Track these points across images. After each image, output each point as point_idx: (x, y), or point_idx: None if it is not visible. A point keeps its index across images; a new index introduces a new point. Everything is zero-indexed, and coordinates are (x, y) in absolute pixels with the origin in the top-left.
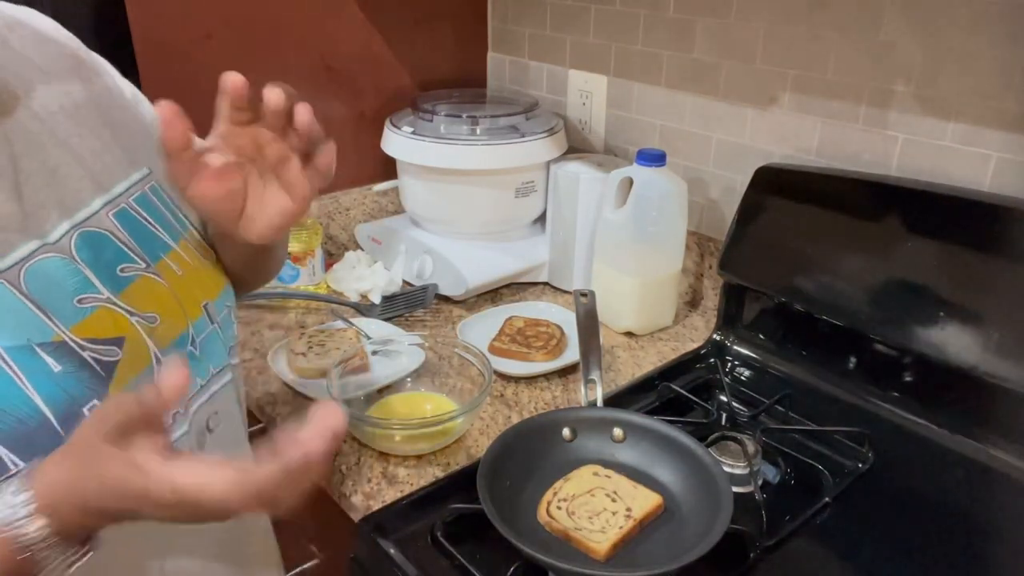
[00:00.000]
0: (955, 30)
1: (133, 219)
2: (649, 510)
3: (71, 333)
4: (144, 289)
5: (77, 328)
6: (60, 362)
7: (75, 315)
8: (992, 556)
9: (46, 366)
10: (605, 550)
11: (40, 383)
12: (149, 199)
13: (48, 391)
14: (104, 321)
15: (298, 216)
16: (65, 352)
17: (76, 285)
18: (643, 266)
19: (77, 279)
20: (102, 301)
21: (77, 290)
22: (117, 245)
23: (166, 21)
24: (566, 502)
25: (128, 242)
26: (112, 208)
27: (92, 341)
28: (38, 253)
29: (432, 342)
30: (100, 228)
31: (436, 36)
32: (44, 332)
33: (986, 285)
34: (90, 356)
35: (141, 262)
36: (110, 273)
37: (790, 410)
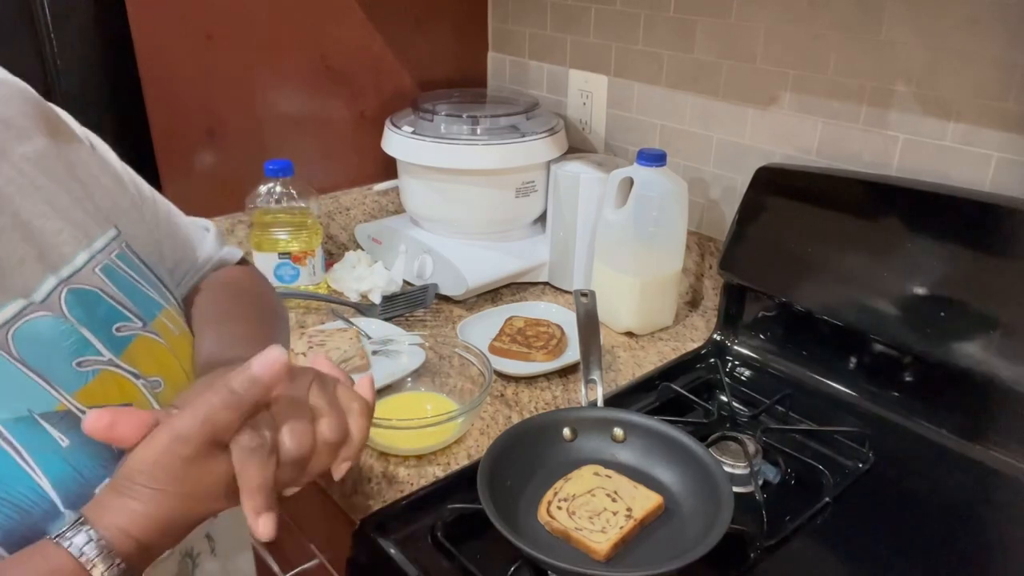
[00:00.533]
0: (955, 30)
1: (120, 276)
2: (649, 510)
3: (75, 400)
4: (144, 350)
5: (81, 394)
6: (67, 435)
7: (76, 380)
8: (992, 556)
9: (52, 440)
10: (605, 550)
11: (47, 461)
12: (128, 257)
13: (56, 471)
14: (108, 386)
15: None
16: (71, 423)
17: (73, 346)
18: (643, 266)
19: (73, 339)
20: (103, 364)
21: (75, 352)
22: (109, 303)
23: (166, 21)
24: (566, 502)
25: (120, 299)
26: (97, 264)
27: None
28: (26, 313)
29: (432, 342)
30: (89, 285)
31: (436, 36)
32: (46, 400)
33: (986, 285)
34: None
35: (137, 320)
36: (106, 332)
37: (790, 410)
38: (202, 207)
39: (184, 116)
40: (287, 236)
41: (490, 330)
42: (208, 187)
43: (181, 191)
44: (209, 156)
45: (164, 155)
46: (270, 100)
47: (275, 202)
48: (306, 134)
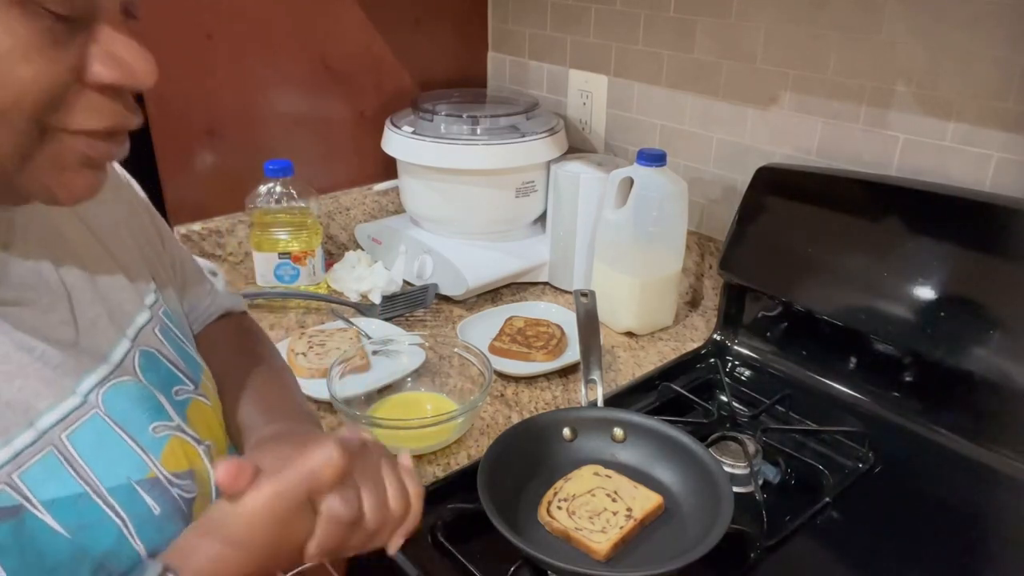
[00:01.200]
0: (955, 30)
1: (171, 335)
2: (649, 510)
3: (162, 467)
4: (198, 413)
5: (163, 461)
6: (158, 502)
7: (156, 445)
8: (992, 556)
9: (147, 509)
10: (605, 550)
11: (144, 531)
12: (170, 314)
13: (151, 539)
14: (178, 453)
15: None
16: (159, 490)
17: (150, 411)
18: (643, 266)
19: (150, 404)
20: (172, 429)
21: (152, 416)
22: (167, 365)
23: (166, 21)
24: (566, 502)
25: (175, 360)
26: (155, 324)
27: (176, 475)
28: (112, 377)
29: (432, 342)
30: (150, 347)
31: (436, 36)
32: (140, 468)
33: (986, 285)
34: (177, 494)
35: (189, 383)
36: (169, 396)
37: (790, 410)
38: (202, 207)
39: (184, 116)
40: (287, 236)
41: (490, 330)
42: (208, 187)
43: (181, 191)
44: (209, 156)
45: (164, 155)
46: (270, 100)
47: (275, 202)
48: (306, 134)
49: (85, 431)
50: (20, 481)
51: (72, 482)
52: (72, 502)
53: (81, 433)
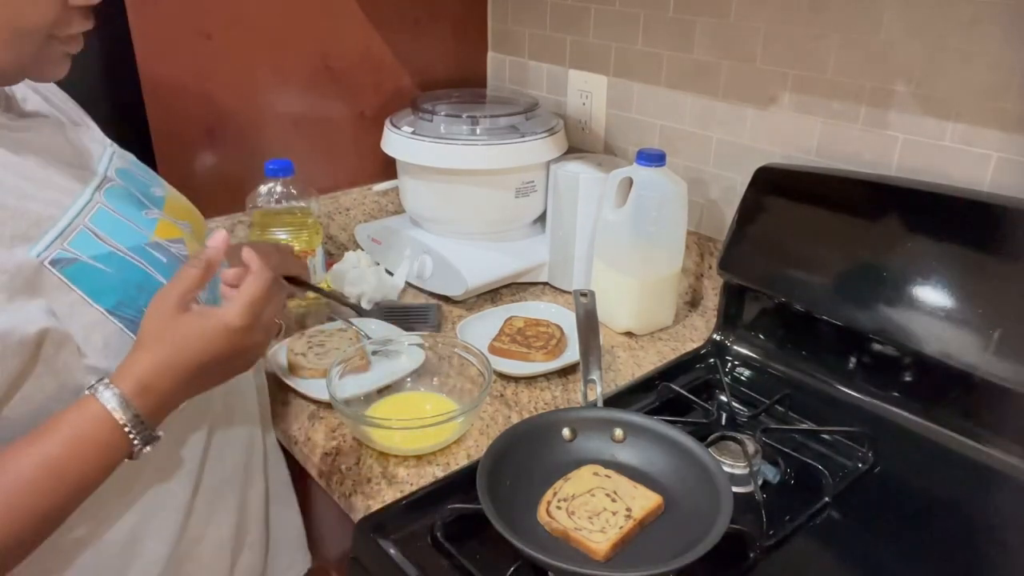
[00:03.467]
0: (955, 30)
1: (132, 161)
2: (649, 510)
3: (157, 236)
4: (172, 204)
5: (156, 233)
6: (163, 256)
7: (149, 224)
8: (992, 556)
9: (158, 259)
10: (605, 550)
11: (161, 269)
12: (126, 155)
13: (167, 275)
14: (166, 228)
15: None
16: (162, 249)
17: (138, 203)
18: (643, 266)
19: (136, 199)
20: (157, 215)
21: (139, 207)
22: (139, 177)
23: (166, 21)
24: (566, 502)
25: (142, 174)
26: (118, 154)
27: (170, 241)
28: (105, 183)
29: (432, 342)
30: (122, 166)
31: (436, 36)
32: (143, 236)
33: (986, 285)
34: (176, 251)
35: (159, 188)
36: (147, 194)
37: (790, 410)
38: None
39: (184, 116)
40: (287, 236)
41: (490, 330)
42: (208, 187)
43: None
44: (209, 156)
45: (164, 155)
46: (270, 100)
47: (275, 202)
48: (306, 134)
49: (99, 217)
50: (70, 247)
51: (103, 246)
52: (108, 256)
53: (97, 218)
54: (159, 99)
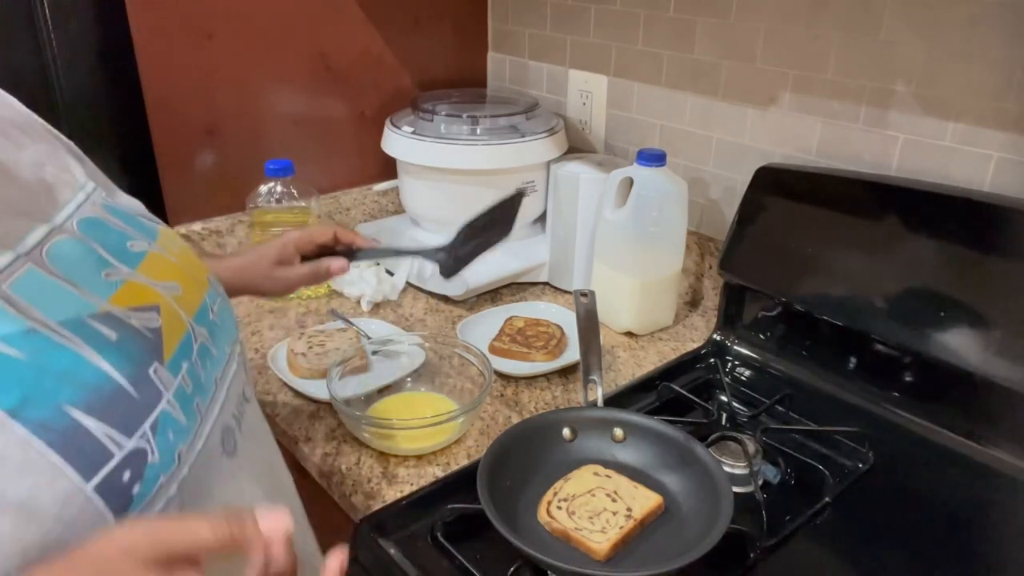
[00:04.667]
0: (955, 30)
1: (116, 209)
2: (649, 510)
3: (111, 304)
4: (156, 262)
5: (114, 299)
6: (114, 331)
7: (107, 288)
8: (992, 556)
9: (103, 336)
10: (605, 550)
11: (103, 351)
12: (112, 203)
13: (113, 359)
14: (134, 291)
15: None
16: (114, 322)
17: (96, 262)
18: (643, 266)
19: (95, 257)
20: (124, 275)
21: (99, 266)
22: (115, 228)
23: (166, 21)
24: (566, 502)
25: (123, 226)
26: (96, 201)
27: (132, 310)
28: (52, 235)
29: (432, 342)
30: (95, 214)
31: (436, 36)
32: (88, 306)
33: (986, 285)
34: (137, 323)
35: (143, 240)
36: (120, 250)
37: (790, 410)
38: (203, 207)
39: (184, 116)
40: None
41: (490, 330)
42: (208, 187)
43: (182, 191)
44: (209, 156)
45: (164, 155)
46: (270, 100)
47: (276, 202)
48: (306, 134)
49: (24, 282)
50: None
51: (19, 319)
52: (22, 335)
53: (21, 283)
54: (159, 99)
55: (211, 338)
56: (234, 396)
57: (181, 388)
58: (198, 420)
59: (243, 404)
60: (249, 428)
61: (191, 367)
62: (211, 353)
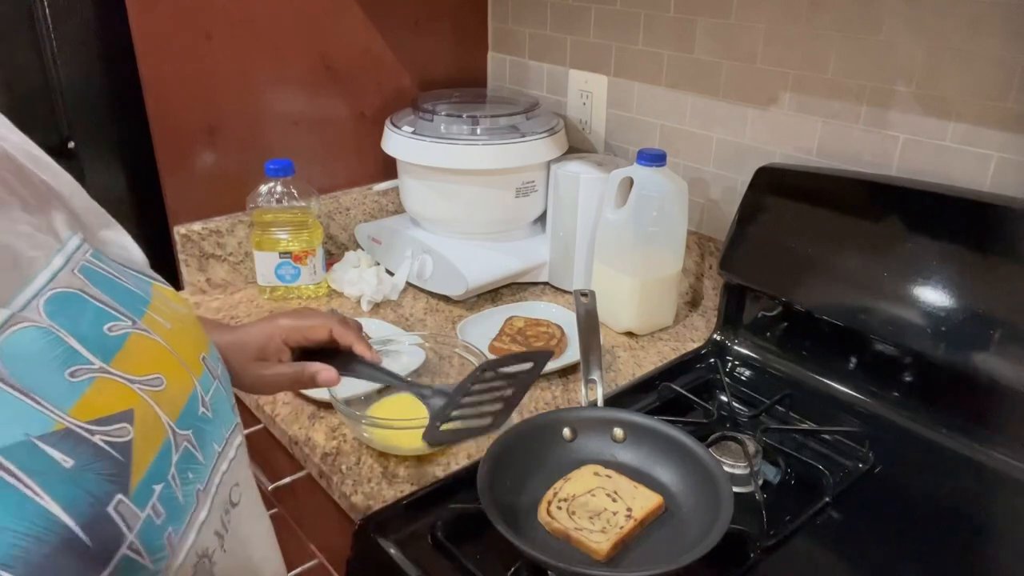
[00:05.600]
0: (955, 30)
1: (99, 274)
2: (650, 510)
3: (72, 417)
4: (138, 348)
5: (77, 409)
6: (71, 455)
7: (70, 393)
8: (992, 556)
9: (55, 464)
10: (605, 550)
11: (53, 487)
12: (100, 257)
13: (65, 495)
14: (105, 394)
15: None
16: (73, 441)
17: (61, 356)
18: (643, 266)
19: (60, 350)
20: (95, 371)
21: (64, 362)
22: (93, 304)
23: (166, 21)
24: (566, 502)
25: (104, 299)
26: (75, 265)
27: (98, 422)
28: (10, 324)
29: (432, 342)
30: (71, 287)
31: (436, 36)
32: (42, 422)
33: (986, 285)
34: (101, 440)
35: (126, 319)
36: (96, 336)
37: (790, 410)
38: (203, 206)
39: (184, 116)
40: (287, 236)
41: (490, 330)
42: (209, 187)
43: (182, 191)
44: (209, 156)
45: (164, 155)
46: (270, 100)
47: (276, 202)
48: (306, 134)
49: None
50: None
51: None
52: None
53: None
54: (160, 99)
55: (198, 440)
56: (219, 506)
57: (149, 522)
58: (166, 556)
59: (227, 513)
60: (235, 542)
61: (165, 489)
62: (195, 460)
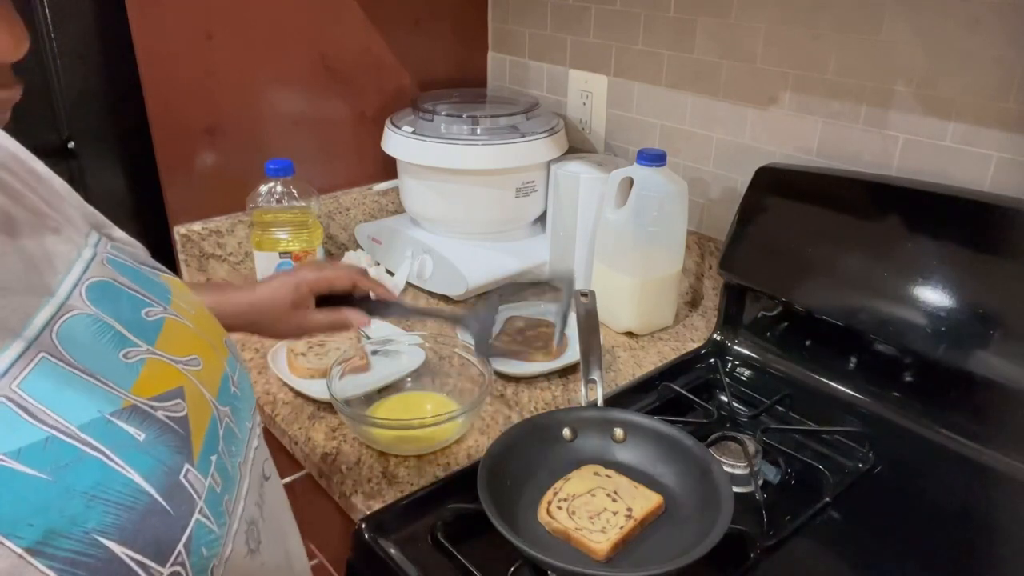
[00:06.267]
0: (955, 30)
1: (123, 265)
2: (650, 510)
3: (135, 395)
4: (174, 332)
5: (137, 387)
6: (142, 428)
7: (128, 374)
8: (992, 556)
9: (130, 437)
10: (605, 550)
11: (131, 457)
12: (120, 247)
13: (143, 464)
14: (157, 374)
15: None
16: (140, 417)
17: (113, 340)
18: (643, 266)
19: (111, 334)
20: (144, 353)
21: (117, 345)
22: (127, 291)
23: (166, 21)
24: (566, 502)
25: (133, 287)
26: (102, 256)
27: (158, 399)
28: (62, 313)
29: (432, 342)
30: (104, 276)
31: (436, 36)
32: (111, 400)
33: (986, 285)
34: (163, 415)
35: (158, 305)
36: (136, 320)
37: (790, 410)
38: (203, 207)
39: (184, 116)
40: (287, 236)
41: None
42: (209, 187)
43: (182, 191)
44: (209, 156)
45: (164, 155)
46: (270, 100)
47: (276, 202)
48: (306, 134)
49: (37, 376)
50: None
51: (34, 429)
52: (42, 448)
53: (33, 378)
54: (160, 99)
55: (234, 417)
56: (256, 479)
57: (211, 490)
58: (227, 522)
59: (263, 486)
60: (271, 512)
61: (219, 460)
62: (235, 436)
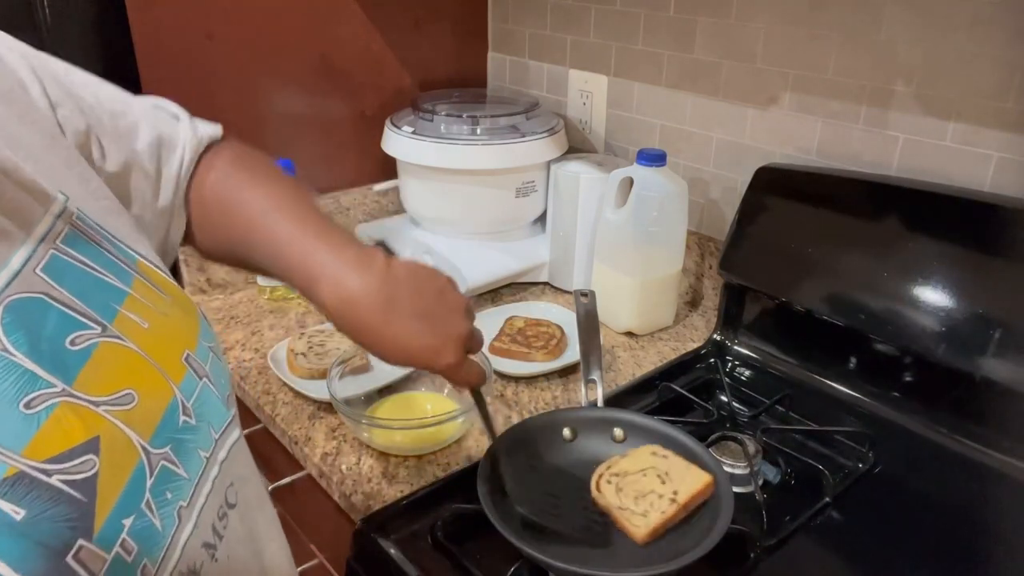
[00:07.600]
0: (955, 30)
1: (69, 267)
2: (695, 492)
3: (26, 458)
4: (105, 362)
5: (31, 448)
6: (22, 504)
7: (25, 429)
8: (993, 556)
9: (4, 517)
10: (644, 535)
11: (1, 544)
12: (78, 235)
13: (12, 552)
14: (64, 427)
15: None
16: (25, 488)
17: (17, 385)
18: (643, 266)
19: (15, 376)
20: (57, 395)
21: (20, 391)
22: (58, 310)
23: (166, 21)
24: (617, 477)
25: (71, 302)
26: (38, 262)
27: (57, 459)
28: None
29: None
30: (31, 292)
31: (436, 36)
32: None
33: (986, 285)
34: (59, 481)
35: (95, 325)
36: (57, 352)
37: (790, 410)
38: None
39: None
40: None
41: (490, 330)
42: None
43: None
44: None
45: None
46: (270, 100)
47: None
48: (306, 134)
49: None
50: None
51: None
52: None
53: None
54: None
55: (179, 454)
56: (209, 515)
57: (117, 562)
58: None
59: (224, 518)
60: (234, 541)
61: (138, 520)
62: (176, 477)
